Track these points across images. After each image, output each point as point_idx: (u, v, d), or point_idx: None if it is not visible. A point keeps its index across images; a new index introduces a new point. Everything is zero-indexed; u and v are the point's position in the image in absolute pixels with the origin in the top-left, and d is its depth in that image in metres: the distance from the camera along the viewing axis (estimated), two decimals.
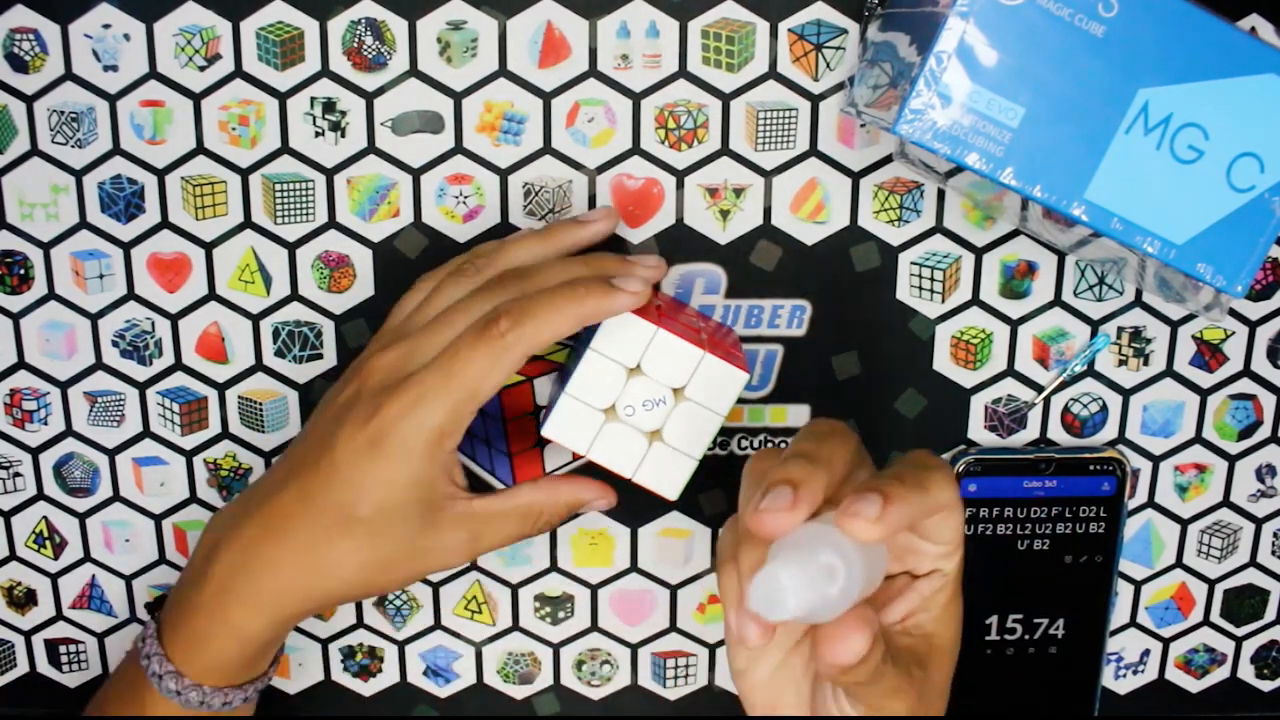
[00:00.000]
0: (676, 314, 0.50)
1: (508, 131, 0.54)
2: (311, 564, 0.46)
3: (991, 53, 0.43)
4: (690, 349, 0.46)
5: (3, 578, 0.59)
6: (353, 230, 0.55)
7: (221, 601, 0.47)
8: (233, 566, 0.47)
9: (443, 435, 0.44)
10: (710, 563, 0.59)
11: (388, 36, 0.52)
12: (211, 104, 0.53)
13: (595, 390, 0.46)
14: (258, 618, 0.47)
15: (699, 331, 0.49)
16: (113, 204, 0.54)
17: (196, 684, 0.48)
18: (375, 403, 0.45)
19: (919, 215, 0.55)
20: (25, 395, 0.56)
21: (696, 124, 0.54)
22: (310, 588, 0.47)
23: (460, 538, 0.47)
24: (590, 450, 0.47)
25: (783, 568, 0.34)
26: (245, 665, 0.49)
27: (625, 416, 0.47)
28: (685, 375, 0.46)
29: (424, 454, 0.44)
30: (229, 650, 0.48)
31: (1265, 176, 0.44)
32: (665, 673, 0.61)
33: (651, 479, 0.47)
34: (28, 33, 0.52)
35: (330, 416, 0.47)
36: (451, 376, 0.44)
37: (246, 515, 0.48)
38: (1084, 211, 0.44)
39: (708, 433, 0.47)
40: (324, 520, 0.45)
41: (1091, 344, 0.57)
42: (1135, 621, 0.61)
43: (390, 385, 0.45)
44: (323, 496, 0.45)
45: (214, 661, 0.48)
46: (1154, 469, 0.59)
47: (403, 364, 0.46)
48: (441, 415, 0.44)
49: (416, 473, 0.44)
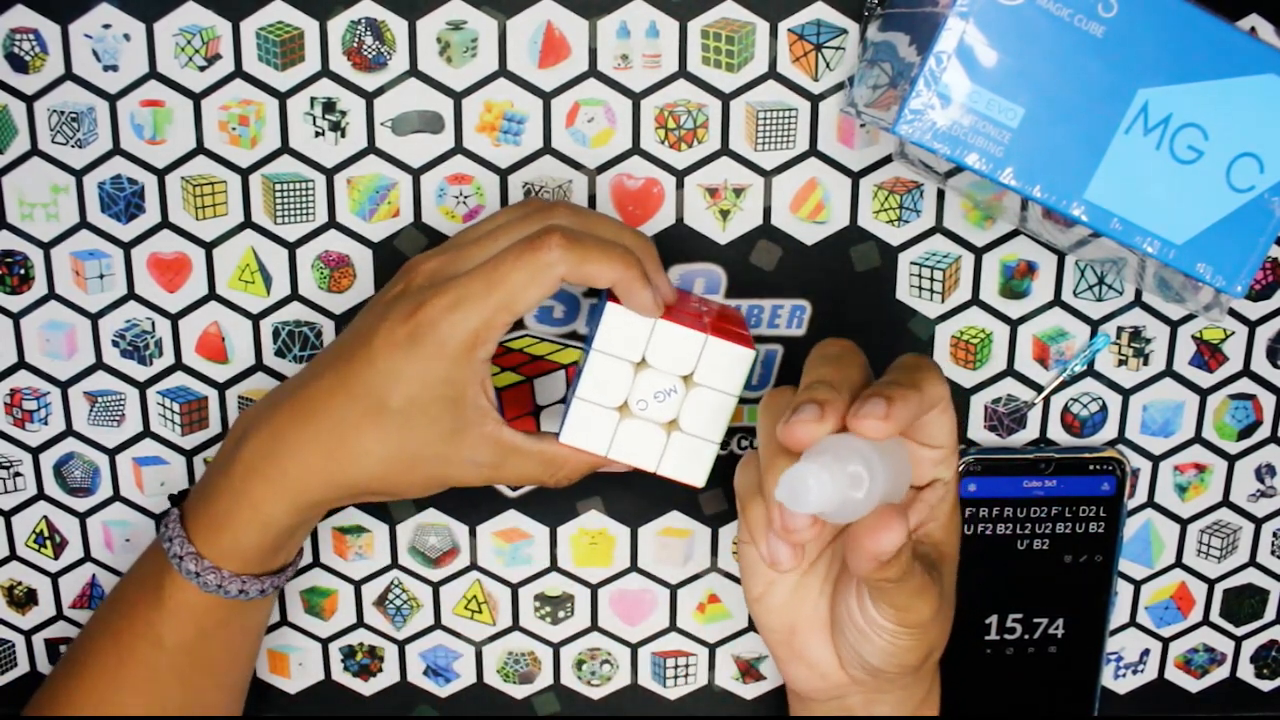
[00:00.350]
0: (676, 301, 0.50)
1: (508, 131, 0.54)
2: (338, 449, 0.47)
3: (991, 53, 0.43)
4: (693, 335, 0.46)
5: (3, 578, 0.59)
6: (353, 230, 0.55)
7: (246, 484, 0.48)
8: (260, 450, 0.48)
9: (477, 340, 0.45)
10: (710, 561, 0.59)
11: (388, 36, 0.52)
12: (211, 104, 0.53)
13: (605, 390, 0.46)
14: (280, 500, 0.48)
15: (700, 316, 0.48)
16: (113, 204, 0.54)
17: (216, 567, 0.49)
18: (418, 300, 0.46)
19: (919, 215, 0.55)
20: (25, 395, 0.56)
21: (696, 124, 0.54)
22: (334, 473, 0.47)
23: (483, 457, 0.47)
24: (610, 450, 0.47)
25: (808, 464, 0.38)
26: (265, 554, 0.49)
27: (639, 411, 0.46)
28: (692, 361, 0.46)
29: (458, 354, 0.45)
30: (250, 534, 0.48)
31: (1265, 177, 0.44)
32: (665, 672, 0.61)
33: (676, 469, 0.47)
34: (28, 33, 0.52)
35: (374, 312, 0.48)
36: (493, 285, 0.45)
37: (279, 403, 0.49)
38: (1084, 211, 0.44)
39: (724, 415, 0.47)
40: (356, 408, 0.46)
41: (1091, 344, 0.57)
42: (1135, 621, 0.61)
43: (434, 286, 0.46)
44: (358, 385, 0.46)
45: (235, 545, 0.49)
46: (1154, 469, 0.59)
47: (449, 267, 0.47)
48: (478, 320, 0.45)
49: (449, 372, 0.45)
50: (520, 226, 0.47)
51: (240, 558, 0.49)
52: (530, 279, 0.44)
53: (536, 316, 0.56)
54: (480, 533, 0.59)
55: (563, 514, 0.59)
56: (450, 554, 0.59)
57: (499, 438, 0.47)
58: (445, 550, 0.59)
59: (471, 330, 0.45)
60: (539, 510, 0.58)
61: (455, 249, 0.48)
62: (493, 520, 0.59)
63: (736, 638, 0.61)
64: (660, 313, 0.46)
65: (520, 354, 0.56)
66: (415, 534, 0.59)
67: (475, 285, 0.45)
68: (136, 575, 0.52)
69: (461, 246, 0.48)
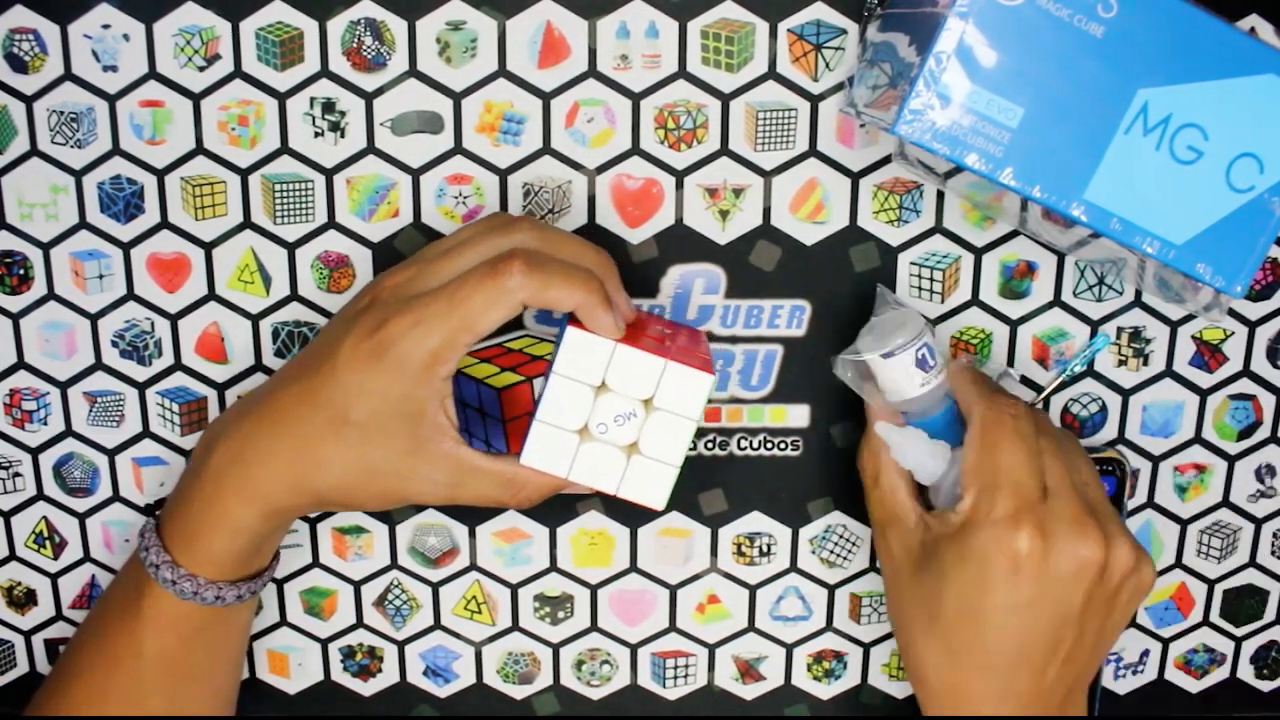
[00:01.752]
0: (640, 324, 0.50)
1: (507, 132, 0.54)
2: (302, 457, 0.48)
3: (991, 53, 0.43)
4: (651, 359, 0.46)
5: (3, 578, 0.59)
6: (352, 230, 0.55)
7: (216, 490, 0.49)
8: (228, 456, 0.49)
9: (437, 358, 0.46)
10: (710, 561, 0.59)
11: (387, 37, 0.52)
12: (211, 104, 0.53)
13: (566, 412, 0.46)
14: (248, 506, 0.49)
15: (663, 340, 0.49)
16: (112, 204, 0.54)
17: (191, 574, 0.50)
18: (381, 316, 0.46)
19: (919, 215, 0.55)
20: (25, 395, 0.56)
21: (696, 124, 0.54)
22: (298, 480, 0.48)
23: (441, 476, 0.48)
24: (570, 472, 0.47)
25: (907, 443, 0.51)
26: (238, 560, 0.50)
27: (599, 434, 0.47)
28: (651, 386, 0.46)
29: (418, 372, 0.46)
30: (222, 540, 0.49)
31: (1265, 177, 0.44)
32: (665, 673, 0.61)
33: (635, 492, 0.48)
34: (28, 33, 0.52)
35: (340, 325, 0.49)
36: (454, 306, 0.45)
37: (247, 411, 0.50)
38: (1083, 212, 0.44)
39: (683, 439, 0.47)
40: (319, 418, 0.47)
41: (1091, 344, 0.57)
42: (1135, 621, 0.61)
43: (398, 302, 0.47)
44: (321, 396, 0.47)
45: (208, 553, 0.50)
46: (1154, 469, 0.59)
47: (413, 284, 0.48)
48: (439, 339, 0.45)
49: (410, 389, 0.46)
50: (485, 242, 0.47)
51: (214, 565, 0.50)
52: (491, 303, 0.45)
53: (536, 317, 0.56)
54: (480, 533, 0.59)
55: (562, 514, 0.59)
56: (450, 554, 0.59)
57: (457, 456, 0.48)
58: (445, 550, 0.59)
59: (432, 349, 0.46)
60: (539, 511, 0.58)
61: (420, 264, 0.48)
62: (492, 520, 0.59)
63: (736, 638, 0.61)
64: (620, 335, 0.46)
65: (520, 354, 0.56)
66: (415, 534, 0.59)
67: (437, 305, 0.46)
68: (118, 585, 0.53)
69: (427, 262, 0.48)
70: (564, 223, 0.55)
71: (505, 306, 0.45)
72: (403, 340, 0.46)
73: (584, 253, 0.48)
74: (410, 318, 0.46)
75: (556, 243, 0.48)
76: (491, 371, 0.55)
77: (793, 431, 0.58)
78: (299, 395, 0.48)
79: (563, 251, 0.48)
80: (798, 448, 0.58)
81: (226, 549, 0.50)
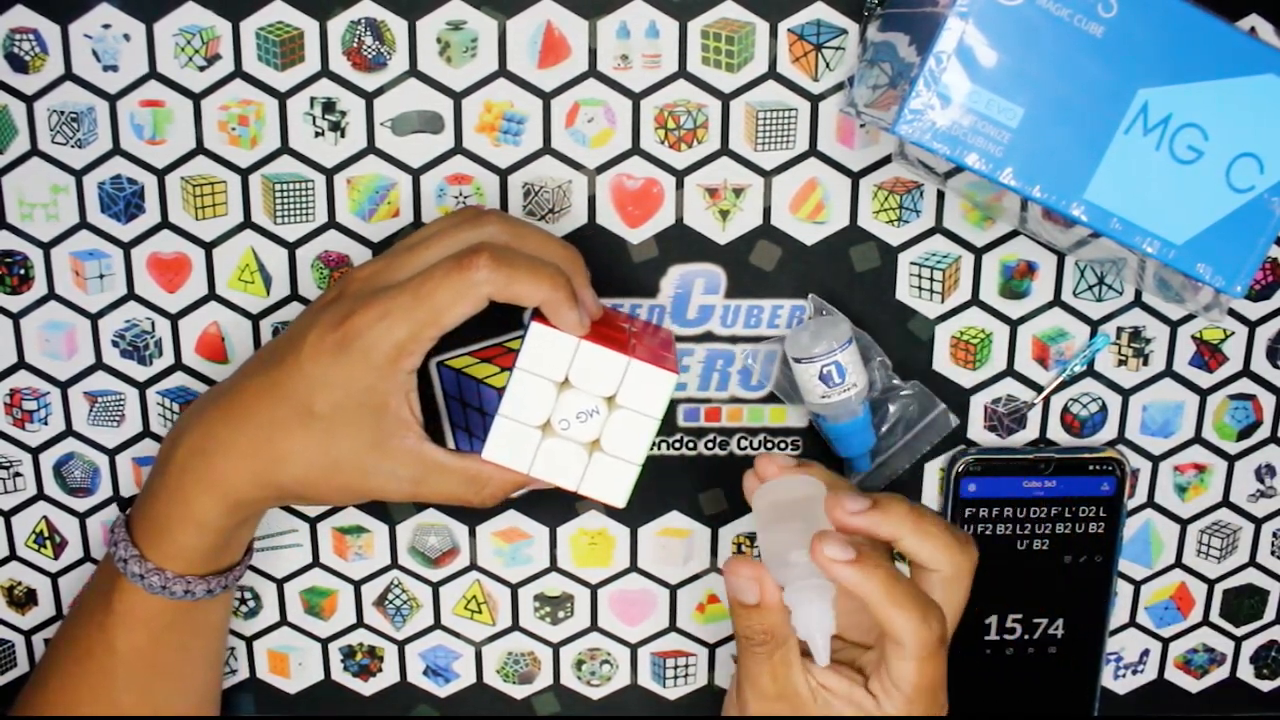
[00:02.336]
0: (606, 321, 0.50)
1: (507, 131, 0.54)
2: (265, 450, 0.48)
3: (991, 53, 0.43)
4: (615, 356, 0.46)
5: (3, 578, 0.59)
6: (353, 230, 0.55)
7: (179, 483, 0.49)
8: (192, 448, 0.49)
9: (402, 351, 0.46)
10: (710, 562, 0.59)
11: (387, 37, 0.52)
12: (211, 104, 0.53)
13: (528, 408, 0.46)
14: (212, 499, 0.49)
15: (627, 337, 0.49)
16: (113, 204, 0.54)
17: (159, 569, 0.49)
18: (348, 309, 0.47)
19: (919, 215, 0.55)
20: (25, 395, 0.56)
21: (696, 124, 0.54)
22: (261, 473, 0.48)
23: (404, 472, 0.48)
24: (532, 468, 0.47)
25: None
26: (206, 554, 0.50)
27: (561, 430, 0.47)
28: (614, 383, 0.47)
29: (383, 365, 0.46)
30: (187, 534, 0.49)
31: (1264, 177, 0.44)
32: (665, 672, 0.61)
33: (596, 489, 0.48)
34: (28, 33, 0.52)
35: (307, 318, 0.49)
36: (420, 299, 0.45)
37: (212, 403, 0.50)
38: (1083, 212, 0.44)
39: (646, 436, 0.47)
40: (283, 409, 0.47)
41: (1091, 344, 0.57)
42: (1135, 621, 0.61)
43: (365, 295, 0.47)
44: (286, 388, 0.47)
45: (174, 547, 0.50)
46: (1153, 469, 0.59)
47: (380, 277, 0.48)
48: (404, 332, 0.46)
49: (374, 382, 0.46)
50: (453, 236, 0.48)
51: (182, 559, 0.50)
52: (458, 297, 0.45)
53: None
54: (480, 533, 0.59)
55: (562, 514, 0.59)
56: (450, 554, 0.59)
57: (420, 452, 0.48)
58: (445, 550, 0.59)
59: (397, 342, 0.46)
60: (539, 510, 0.58)
61: (389, 258, 0.48)
62: (492, 520, 0.59)
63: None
64: (585, 332, 0.46)
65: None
66: (415, 534, 0.59)
67: (403, 299, 0.46)
68: (92, 583, 0.53)
69: (395, 255, 0.48)
70: (564, 222, 0.55)
71: (471, 300, 0.45)
72: (368, 332, 0.46)
73: (552, 248, 0.48)
74: (376, 310, 0.46)
75: (524, 237, 0.48)
76: (491, 371, 0.55)
77: (793, 431, 0.58)
78: (263, 387, 0.48)
79: (530, 246, 0.48)
80: (798, 448, 0.58)
81: (193, 542, 0.49)
